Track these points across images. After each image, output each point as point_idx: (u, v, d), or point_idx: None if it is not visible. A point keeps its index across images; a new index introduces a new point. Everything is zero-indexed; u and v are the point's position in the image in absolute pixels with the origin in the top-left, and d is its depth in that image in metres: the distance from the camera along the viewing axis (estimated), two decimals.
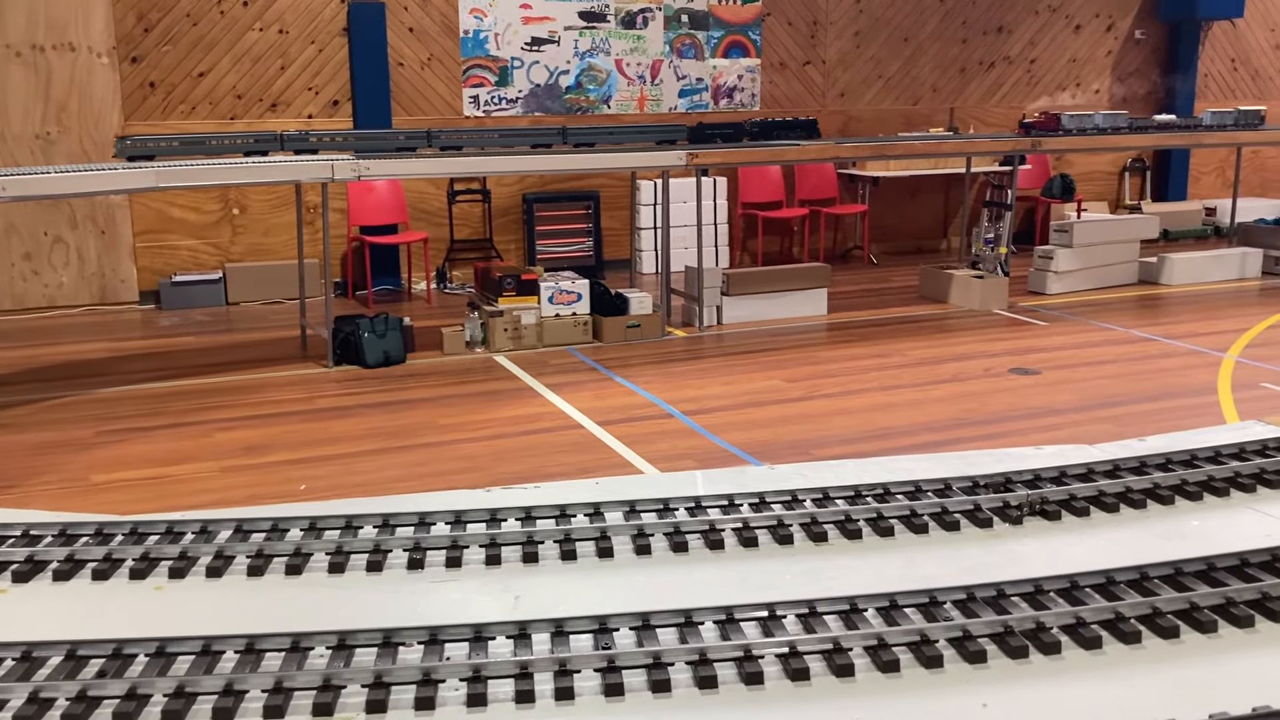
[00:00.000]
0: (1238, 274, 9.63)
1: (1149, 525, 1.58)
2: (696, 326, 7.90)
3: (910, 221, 11.29)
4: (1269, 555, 1.44)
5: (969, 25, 11.18)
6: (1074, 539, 1.53)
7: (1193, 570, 1.40)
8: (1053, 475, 1.67)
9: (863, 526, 1.49)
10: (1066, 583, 1.34)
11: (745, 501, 1.54)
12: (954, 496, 1.59)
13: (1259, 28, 12.43)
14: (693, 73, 10.29)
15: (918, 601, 1.28)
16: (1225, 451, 1.79)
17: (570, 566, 1.48)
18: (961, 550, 1.48)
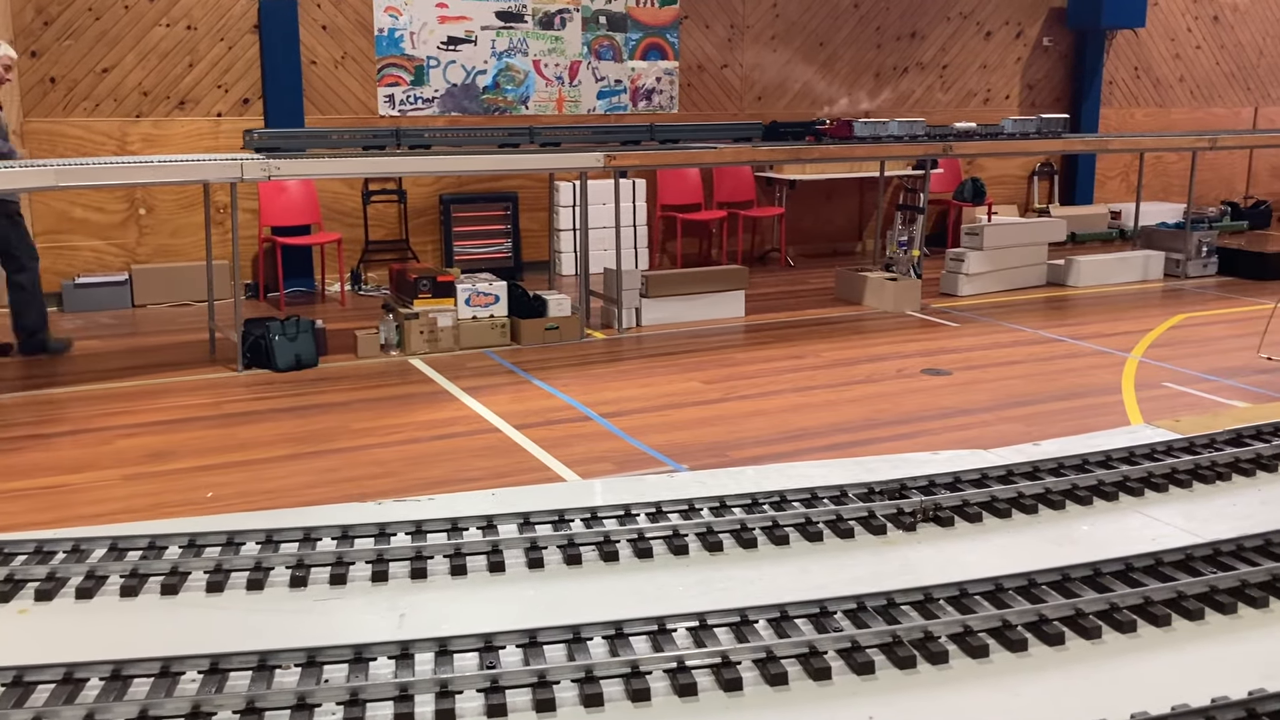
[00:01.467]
0: (1141, 276, 9.91)
1: (1040, 530, 1.61)
2: (615, 328, 7.89)
3: (826, 224, 11.43)
4: (1152, 560, 1.47)
5: (883, 31, 11.35)
6: (966, 545, 1.55)
7: (1079, 576, 1.43)
8: (947, 481, 1.70)
9: (758, 535, 1.49)
10: (956, 590, 1.35)
11: (642, 511, 1.53)
12: (850, 504, 1.60)
13: (1160, 37, 12.83)
14: (611, 74, 10.28)
15: (808, 612, 1.28)
16: (1116, 456, 1.83)
17: (460, 582, 1.46)
18: (855, 558, 1.49)
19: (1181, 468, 1.81)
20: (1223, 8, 13.17)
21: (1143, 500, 1.72)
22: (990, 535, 1.59)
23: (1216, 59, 13.28)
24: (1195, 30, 13.06)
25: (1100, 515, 1.66)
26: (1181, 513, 1.69)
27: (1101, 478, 1.75)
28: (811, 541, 1.51)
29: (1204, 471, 1.82)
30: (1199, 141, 10.20)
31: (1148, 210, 11.50)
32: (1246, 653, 1.29)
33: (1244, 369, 6.83)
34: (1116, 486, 1.74)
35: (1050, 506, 1.67)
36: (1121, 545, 1.51)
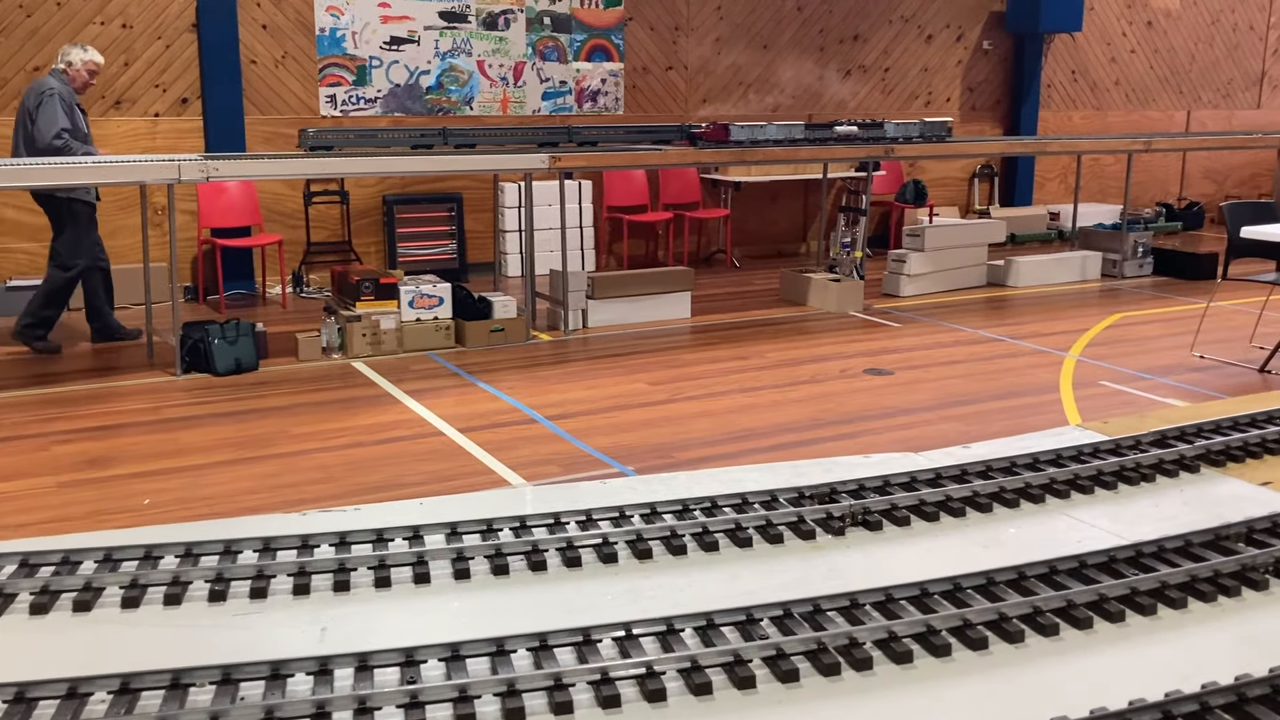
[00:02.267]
0: (1079, 276, 10.08)
1: (968, 534, 1.62)
2: (562, 330, 7.87)
3: (771, 226, 11.49)
4: (1076, 562, 1.49)
5: (826, 34, 11.43)
6: (894, 549, 1.56)
7: (1004, 580, 1.44)
8: (877, 485, 1.71)
9: (688, 542, 1.49)
10: (882, 596, 1.36)
11: (571, 520, 1.52)
12: (780, 508, 1.61)
13: (1096, 41, 13.06)
14: (556, 75, 10.26)
15: (735, 620, 1.28)
16: (1043, 458, 1.86)
17: (384, 595, 1.44)
18: (784, 563, 1.49)
19: (1107, 469, 1.84)
20: (1155, 13, 13.44)
21: (1069, 502, 1.74)
22: (918, 539, 1.60)
23: (1150, 63, 13.55)
24: (1130, 35, 13.32)
25: (1027, 518, 1.68)
26: (1106, 514, 1.72)
27: (1029, 480, 1.77)
28: (741, 547, 1.51)
29: (1129, 473, 1.85)
30: (1134, 144, 10.40)
31: (1085, 211, 11.70)
32: (1165, 654, 1.31)
33: (1178, 367, 6.98)
34: (1043, 489, 1.76)
35: (978, 509, 1.69)
36: (1046, 548, 1.53)
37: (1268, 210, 7.45)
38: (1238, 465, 1.94)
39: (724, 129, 8.35)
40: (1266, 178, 13.51)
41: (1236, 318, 8.25)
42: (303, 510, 1.76)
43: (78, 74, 7.03)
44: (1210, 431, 2.06)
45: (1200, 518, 1.69)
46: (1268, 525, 1.64)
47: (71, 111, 6.92)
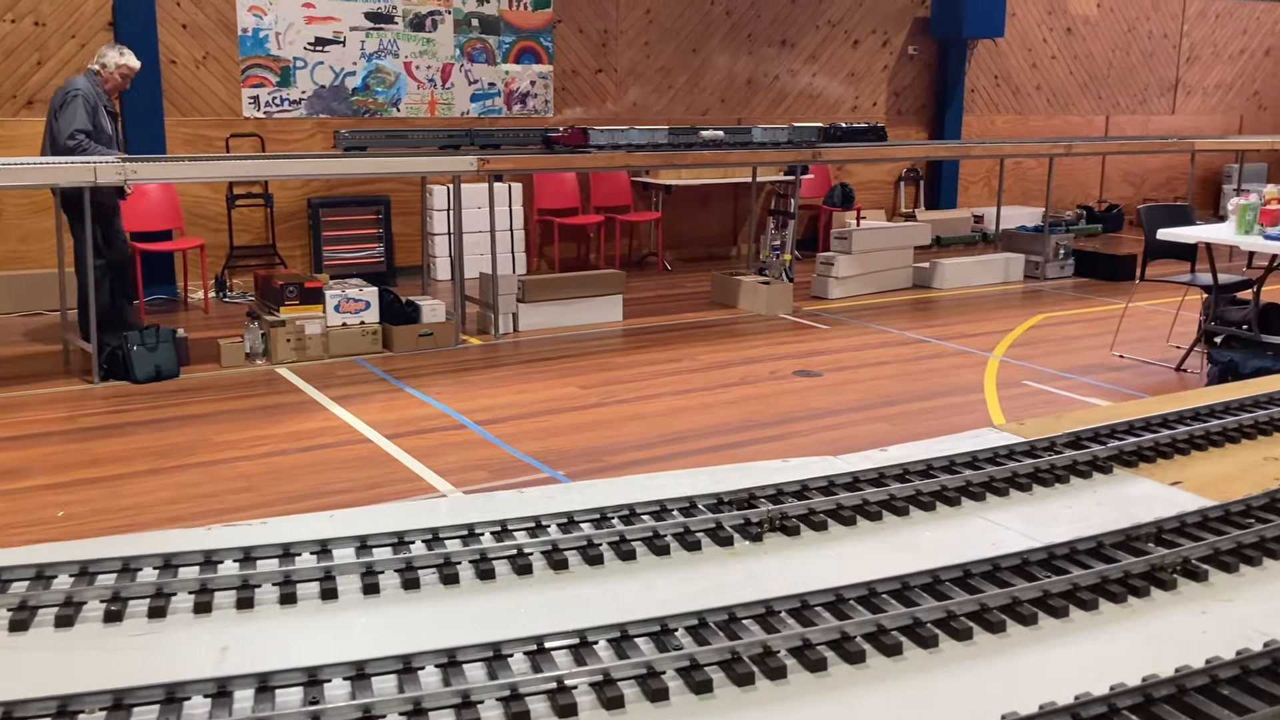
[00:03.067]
0: (1002, 278, 10.26)
1: (884, 538, 1.63)
2: (492, 334, 7.82)
3: (702, 229, 11.53)
4: (990, 565, 1.50)
5: (754, 38, 11.51)
6: (811, 555, 1.55)
7: (919, 584, 1.45)
8: (795, 490, 1.70)
9: (604, 551, 1.47)
10: (798, 603, 1.35)
11: (486, 530, 1.49)
12: (698, 515, 1.60)
13: (1018, 47, 13.31)
14: (484, 77, 10.19)
15: (649, 630, 1.27)
16: (959, 461, 1.87)
17: (289, 612, 1.40)
18: (701, 571, 1.48)
19: (1022, 471, 1.86)
20: (1075, 20, 13.74)
21: (984, 505, 1.76)
22: (834, 544, 1.60)
23: (1070, 69, 13.85)
24: (1050, 41, 13.60)
25: (943, 521, 1.69)
26: (1021, 516, 1.73)
27: (945, 483, 1.78)
28: (659, 556, 1.50)
29: (1044, 475, 1.87)
30: (1055, 148, 10.62)
31: (1008, 214, 11.91)
32: (1076, 656, 1.32)
33: (1099, 366, 7.13)
34: (959, 491, 1.78)
35: (895, 513, 1.69)
36: (961, 551, 1.54)
37: (1183, 213, 7.65)
38: (1149, 465, 1.97)
39: (582, 133, 8.05)
40: (1182, 181, 13.88)
41: (1154, 317, 8.45)
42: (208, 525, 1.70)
43: (110, 76, 6.95)
44: (1123, 432, 2.10)
45: (1112, 518, 1.71)
46: (1176, 525, 1.67)
47: (95, 113, 6.83)
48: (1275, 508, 1.76)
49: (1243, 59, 15.26)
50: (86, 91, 6.81)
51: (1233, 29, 15.04)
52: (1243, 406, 2.27)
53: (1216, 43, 14.96)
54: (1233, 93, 15.30)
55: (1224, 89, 15.21)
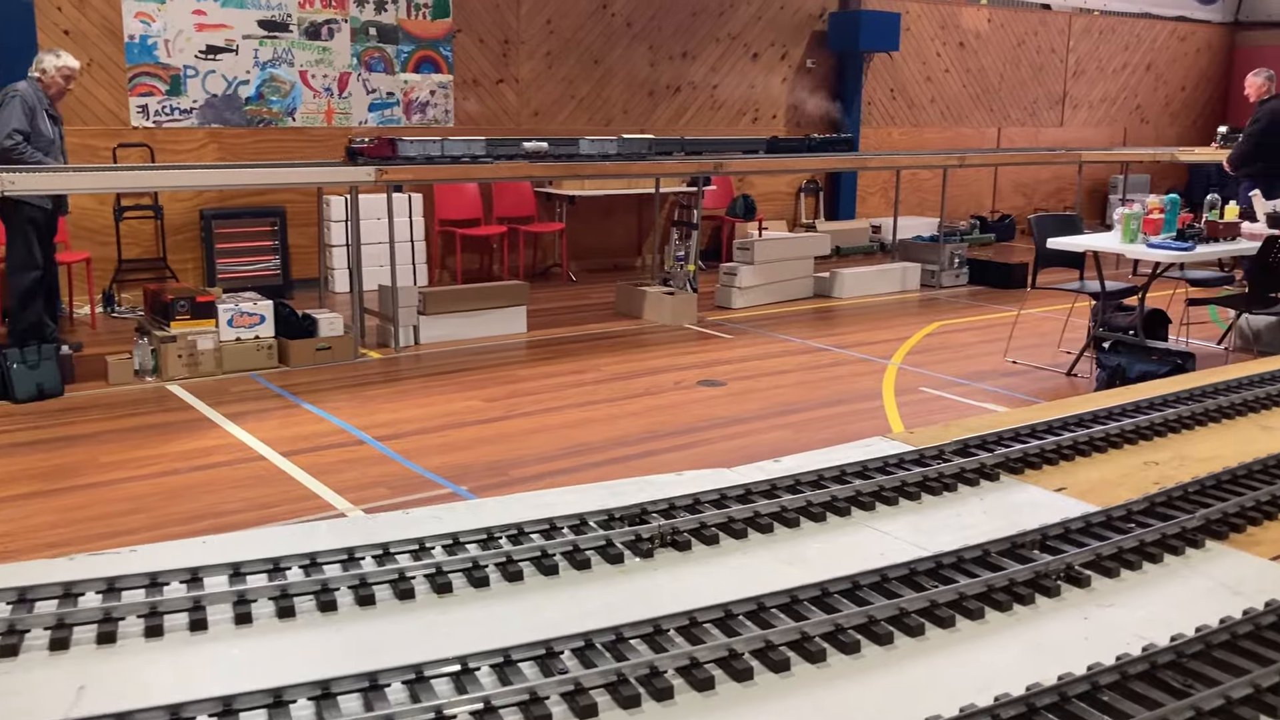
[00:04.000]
0: (900, 286, 10.46)
1: (775, 550, 1.62)
2: (392, 347, 7.69)
3: (607, 239, 11.52)
4: (878, 576, 1.51)
5: (656, 50, 11.56)
6: (701, 570, 1.54)
7: (807, 597, 1.44)
8: (687, 503, 1.69)
9: (490, 573, 1.44)
10: (686, 620, 1.34)
11: (367, 554, 1.44)
12: (589, 532, 1.57)
13: (913, 61, 13.62)
14: (383, 86, 10.04)
15: (534, 654, 1.24)
16: (850, 470, 1.88)
17: (155, 645, 1.33)
18: (589, 590, 1.45)
19: (911, 480, 1.88)
20: (967, 35, 14.11)
21: (874, 514, 1.77)
22: (726, 558, 1.59)
23: (963, 82, 14.21)
24: (944, 55, 13.94)
25: (833, 532, 1.69)
26: (910, 525, 1.75)
27: (836, 493, 1.78)
28: (547, 575, 1.47)
29: (932, 483, 1.89)
30: (949, 160, 10.87)
31: (905, 224, 12.15)
32: (962, 666, 1.33)
33: (992, 372, 7.30)
34: (849, 501, 1.78)
35: (786, 525, 1.69)
36: (850, 562, 1.54)
37: (1071, 222, 7.88)
38: (1035, 472, 2.01)
39: (390, 144, 7.66)
40: (1071, 191, 14.34)
41: (1045, 324, 8.69)
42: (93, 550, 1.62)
43: (52, 80, 6.88)
44: (1010, 439, 2.13)
45: (998, 525, 1.74)
46: (1060, 532, 1.70)
47: (34, 116, 6.72)
48: (1154, 512, 1.80)
49: (1125, 73, 15.84)
50: (26, 94, 6.72)
51: (1115, 45, 15.61)
52: (1124, 412, 2.33)
53: (1101, 58, 15.51)
54: (1117, 106, 15.88)
55: (1108, 102, 15.77)
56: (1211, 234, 6.88)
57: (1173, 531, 1.73)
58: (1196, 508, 1.81)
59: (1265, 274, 6.69)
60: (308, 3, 9.52)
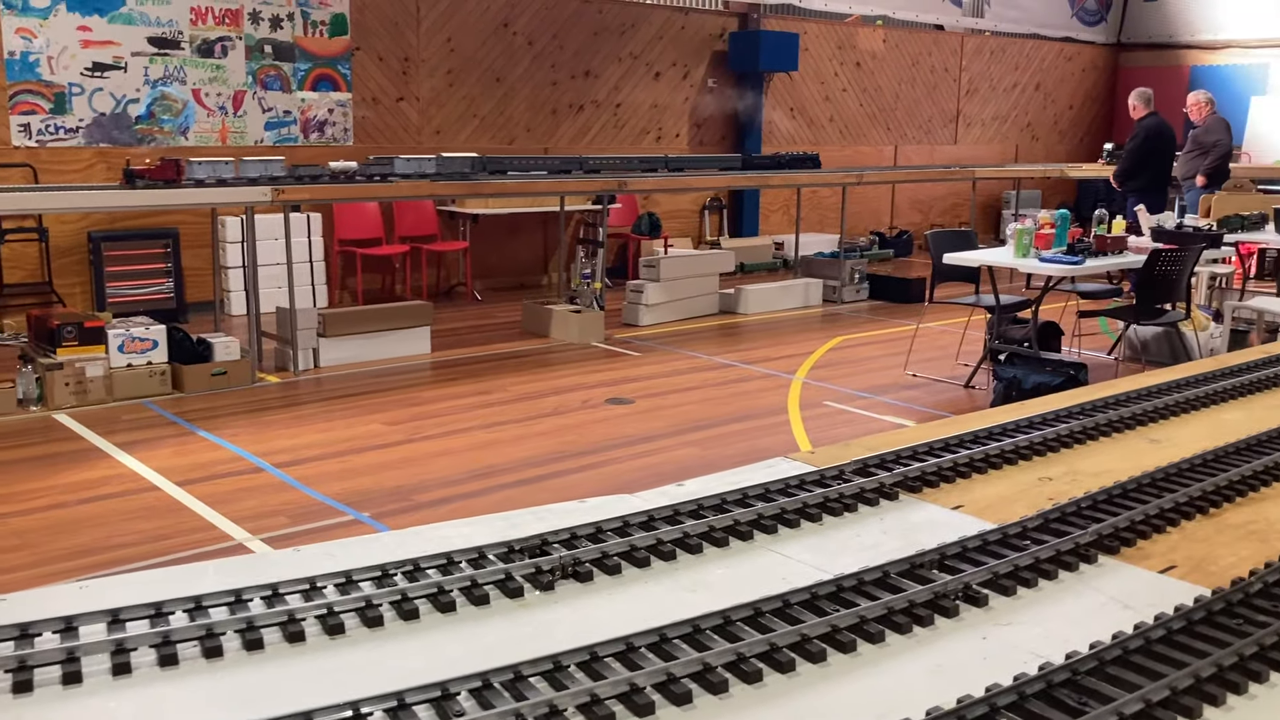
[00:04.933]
0: (803, 302, 10.59)
1: (678, 578, 1.60)
2: (291, 371, 7.52)
3: (512, 258, 11.45)
4: (781, 602, 1.50)
5: (558, 68, 11.56)
6: (603, 600, 1.52)
7: (709, 626, 1.43)
8: (589, 532, 1.66)
9: (385, 612, 1.39)
10: (587, 655, 1.31)
11: (256, 595, 1.39)
12: (488, 566, 1.53)
13: (811, 81, 13.85)
14: (279, 105, 9.84)
15: (429, 696, 1.20)
16: (752, 493, 1.87)
17: (24, 701, 1.25)
18: (488, 626, 1.42)
19: (812, 502, 1.88)
20: (863, 55, 14.40)
21: (776, 538, 1.76)
22: (628, 587, 1.57)
23: (860, 101, 14.50)
24: (841, 74, 14.21)
25: (736, 556, 1.68)
26: (811, 548, 1.75)
27: (738, 517, 1.78)
28: (444, 613, 1.43)
29: (833, 504, 1.89)
30: (848, 177, 11.07)
31: (806, 241, 12.33)
32: (863, 692, 1.33)
33: (893, 385, 7.43)
34: (752, 525, 1.78)
35: (688, 551, 1.68)
36: (753, 588, 1.53)
37: (966, 237, 8.08)
38: (933, 490, 2.03)
39: (173, 165, 7.23)
40: (965, 207, 14.72)
41: (943, 337, 8.89)
42: None
43: None
44: (908, 458, 2.15)
45: (898, 545, 1.75)
46: (958, 551, 1.71)
47: None
48: (1049, 528, 1.83)
49: (1016, 92, 16.34)
50: None
51: (1006, 65, 16.10)
52: (1019, 428, 2.37)
53: (992, 77, 15.97)
54: (1008, 124, 16.36)
55: (1000, 120, 16.25)
56: (1100, 248, 7.10)
57: (1067, 548, 1.76)
58: (1089, 523, 1.85)
59: (1151, 286, 6.93)
60: (200, 19, 9.29)
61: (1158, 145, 10.26)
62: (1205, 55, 16.36)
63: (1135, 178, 10.37)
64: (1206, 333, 7.79)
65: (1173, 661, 1.42)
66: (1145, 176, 10.32)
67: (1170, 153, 10.41)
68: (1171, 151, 10.44)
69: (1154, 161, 10.35)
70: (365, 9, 10.20)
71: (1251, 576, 1.65)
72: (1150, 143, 10.26)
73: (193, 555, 4.42)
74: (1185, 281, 7.03)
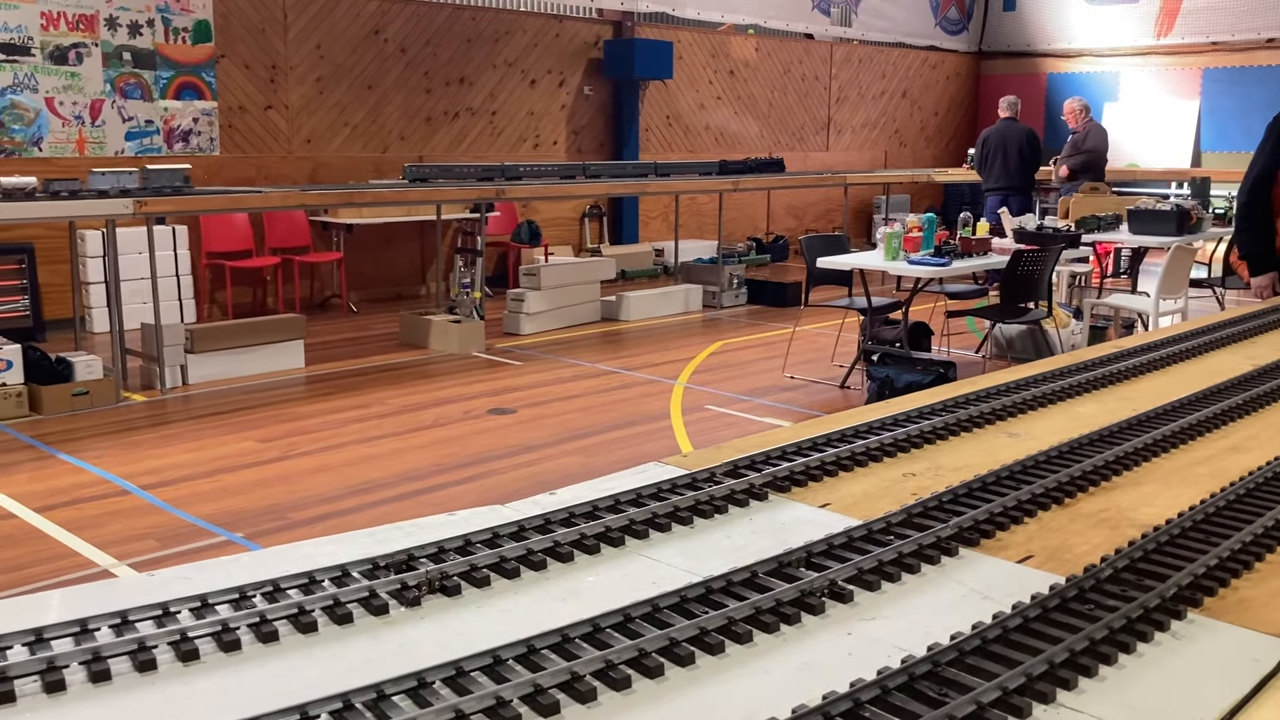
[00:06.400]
0: (683, 308, 10.69)
1: (548, 588, 1.59)
2: (158, 389, 7.26)
3: (388, 268, 11.27)
4: (650, 606, 1.50)
5: (431, 76, 11.43)
6: (471, 614, 1.49)
7: (579, 635, 1.42)
8: (457, 545, 1.64)
9: (242, 635, 1.34)
10: (452, 670, 1.29)
11: (104, 624, 1.32)
12: (352, 584, 1.50)
13: (686, 89, 13.99)
14: (140, 114, 9.50)
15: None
16: (623, 499, 1.87)
17: None
18: (351, 646, 1.38)
19: (683, 505, 1.89)
20: (736, 63, 14.62)
21: (647, 543, 1.77)
22: (497, 599, 1.55)
23: (734, 109, 14.71)
24: (715, 82, 14.39)
25: (607, 563, 1.68)
26: (682, 551, 1.75)
27: (609, 524, 1.77)
28: (305, 633, 1.39)
29: (704, 506, 1.91)
30: (724, 184, 11.21)
31: (686, 247, 12.46)
32: (730, 694, 1.34)
33: (773, 388, 7.55)
34: (623, 531, 1.78)
35: (559, 560, 1.67)
36: (623, 594, 1.53)
37: (839, 242, 8.26)
38: (801, 489, 2.06)
39: None
40: (839, 212, 15.05)
41: (820, 340, 9.07)
42: None
43: None
44: (778, 458, 2.18)
45: (767, 545, 1.77)
46: (824, 548, 1.74)
47: None
48: (912, 523, 1.88)
49: (884, 99, 16.79)
50: None
51: (874, 73, 16.53)
52: (884, 426, 2.42)
53: (861, 85, 16.38)
54: (877, 130, 16.80)
55: (869, 127, 16.67)
56: (965, 250, 7.34)
57: (929, 541, 1.80)
58: (950, 516, 1.90)
59: (1014, 286, 7.19)
60: (51, 25, 8.90)
61: (998, 147, 10.81)
62: (1061, 64, 17.08)
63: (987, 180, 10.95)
64: (1068, 329, 8.12)
65: (1028, 649, 1.46)
66: (995, 176, 10.82)
67: (1019, 155, 10.87)
68: (1022, 153, 10.89)
69: (1012, 164, 10.80)
70: (230, 15, 9.91)
71: (1102, 563, 1.71)
72: (985, 145, 10.86)
73: (53, 584, 4.23)
74: (1046, 281, 7.32)
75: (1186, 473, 2.27)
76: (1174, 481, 2.21)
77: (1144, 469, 2.27)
